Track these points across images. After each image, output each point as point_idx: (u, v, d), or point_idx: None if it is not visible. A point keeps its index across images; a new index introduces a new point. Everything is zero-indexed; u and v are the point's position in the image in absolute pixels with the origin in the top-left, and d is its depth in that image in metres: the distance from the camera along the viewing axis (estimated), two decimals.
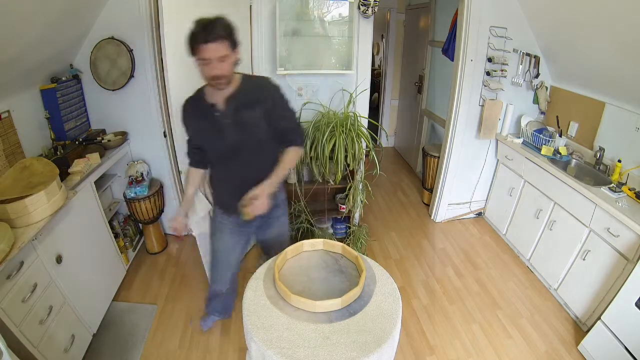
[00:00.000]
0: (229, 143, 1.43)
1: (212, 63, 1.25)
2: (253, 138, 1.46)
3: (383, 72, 5.00)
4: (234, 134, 1.41)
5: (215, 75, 1.28)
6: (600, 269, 2.04)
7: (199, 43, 1.23)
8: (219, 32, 1.23)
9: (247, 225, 1.65)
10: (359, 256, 1.36)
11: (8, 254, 1.37)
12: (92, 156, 2.21)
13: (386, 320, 1.17)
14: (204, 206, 2.05)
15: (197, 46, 1.23)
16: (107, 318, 2.18)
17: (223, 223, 1.67)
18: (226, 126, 1.40)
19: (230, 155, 1.47)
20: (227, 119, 1.40)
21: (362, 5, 2.36)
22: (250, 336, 1.14)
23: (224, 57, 1.27)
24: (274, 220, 1.72)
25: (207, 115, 1.42)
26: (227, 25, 1.27)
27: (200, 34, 1.22)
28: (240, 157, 1.48)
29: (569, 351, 2.07)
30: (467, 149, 3.08)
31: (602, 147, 2.36)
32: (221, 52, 1.25)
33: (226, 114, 1.40)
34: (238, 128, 1.41)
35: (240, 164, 1.49)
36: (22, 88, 2.02)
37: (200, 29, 1.22)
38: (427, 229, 3.28)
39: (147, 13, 2.25)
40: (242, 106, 1.40)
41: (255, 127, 1.44)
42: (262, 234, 1.76)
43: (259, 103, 1.42)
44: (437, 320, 2.28)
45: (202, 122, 1.45)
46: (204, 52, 1.23)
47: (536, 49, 2.73)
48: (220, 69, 1.27)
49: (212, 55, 1.24)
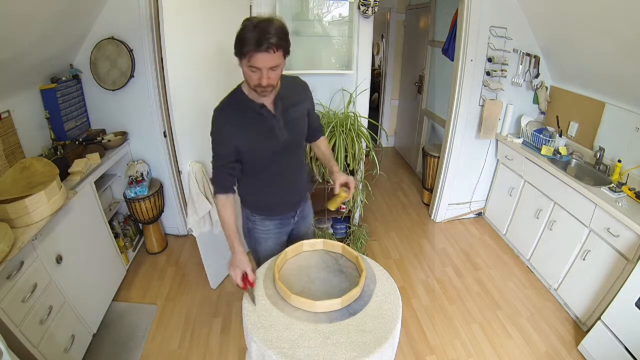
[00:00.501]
0: (281, 143, 1.38)
1: (263, 71, 1.16)
2: (300, 136, 1.48)
3: (383, 72, 5.00)
4: (285, 134, 1.37)
5: (262, 84, 1.19)
6: (600, 269, 2.04)
7: (252, 49, 1.11)
8: (276, 42, 1.11)
9: (287, 223, 1.63)
10: (359, 256, 1.36)
11: (8, 254, 1.37)
12: (92, 156, 2.21)
13: (386, 320, 1.17)
14: (204, 206, 2.05)
15: (249, 52, 1.12)
16: (107, 318, 2.18)
17: (266, 230, 1.59)
18: (277, 127, 1.35)
19: (280, 156, 1.43)
20: (277, 119, 1.34)
21: (362, 5, 2.36)
22: (250, 336, 1.14)
23: (276, 67, 1.17)
24: (307, 213, 1.74)
25: (257, 118, 1.33)
26: (285, 32, 1.16)
27: (255, 39, 1.10)
28: (288, 156, 1.46)
29: (569, 351, 2.07)
30: (467, 149, 3.08)
31: (602, 147, 2.36)
32: (274, 62, 1.15)
33: (277, 114, 1.34)
34: (289, 127, 1.38)
35: (287, 163, 1.48)
36: (22, 88, 2.02)
37: (256, 34, 1.10)
38: (427, 229, 3.28)
39: (147, 13, 2.25)
40: (290, 106, 1.38)
41: (302, 126, 1.47)
42: (297, 229, 1.72)
43: (302, 102, 1.44)
44: (437, 320, 2.28)
45: (252, 126, 1.34)
46: (257, 60, 1.13)
47: (536, 49, 2.73)
48: (269, 78, 1.18)
49: (265, 65, 1.14)
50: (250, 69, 1.17)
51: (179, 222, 2.99)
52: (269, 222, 1.58)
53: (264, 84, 1.18)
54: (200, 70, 1.98)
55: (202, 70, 2.00)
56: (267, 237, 1.60)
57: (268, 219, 1.57)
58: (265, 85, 1.19)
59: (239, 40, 1.15)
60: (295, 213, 1.63)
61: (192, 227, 2.10)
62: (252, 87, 1.23)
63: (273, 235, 1.61)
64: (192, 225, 2.08)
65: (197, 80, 1.97)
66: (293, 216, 1.63)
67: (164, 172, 2.77)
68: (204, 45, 1.99)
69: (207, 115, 2.09)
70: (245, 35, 1.12)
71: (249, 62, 1.15)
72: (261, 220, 1.58)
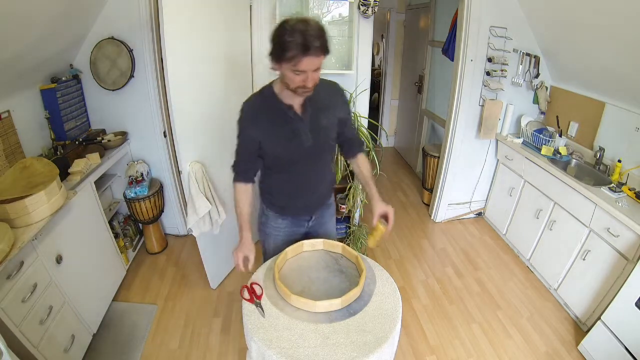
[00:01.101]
0: (304, 147, 1.36)
1: (307, 74, 1.16)
2: (326, 143, 1.45)
3: (383, 72, 5.00)
4: (310, 138, 1.36)
5: (307, 86, 1.19)
6: (600, 269, 2.04)
7: (297, 54, 1.10)
8: (321, 44, 1.12)
9: (300, 224, 1.62)
10: (359, 256, 1.36)
11: (8, 254, 1.37)
12: (92, 156, 2.21)
13: (386, 320, 1.17)
14: (204, 206, 2.05)
15: (293, 57, 1.11)
16: (107, 318, 2.18)
17: (277, 227, 1.60)
18: (302, 130, 1.33)
19: (302, 160, 1.42)
20: (304, 123, 1.33)
21: (362, 5, 2.36)
22: (250, 336, 1.14)
23: (318, 68, 1.19)
24: (328, 220, 1.71)
25: (283, 118, 1.32)
26: (324, 32, 1.15)
27: (300, 44, 1.09)
28: (311, 162, 1.45)
29: (569, 351, 2.07)
30: (467, 149, 3.08)
31: (602, 147, 2.36)
32: (319, 64, 1.16)
33: (303, 117, 1.33)
34: (315, 133, 1.36)
35: (309, 167, 1.46)
36: (22, 88, 2.02)
37: (299, 38, 1.08)
38: (427, 229, 3.28)
39: (147, 13, 2.25)
40: (319, 110, 1.35)
41: (330, 132, 1.43)
42: (314, 233, 1.70)
43: (334, 108, 1.41)
44: (437, 320, 2.28)
45: (277, 126, 1.34)
46: (304, 64, 1.12)
47: (536, 49, 2.73)
48: (312, 79, 1.18)
49: (311, 67, 1.14)
50: (294, 72, 1.16)
51: (179, 222, 2.99)
52: (282, 220, 1.58)
53: (310, 85, 1.19)
54: (200, 70, 1.98)
55: (202, 70, 2.00)
56: (277, 235, 1.61)
57: (281, 217, 1.58)
58: (310, 87, 1.20)
59: (280, 45, 1.12)
60: (311, 217, 1.61)
61: (192, 227, 2.10)
62: (293, 88, 1.21)
63: (283, 234, 1.61)
64: (192, 225, 2.08)
65: (197, 80, 1.97)
66: (308, 220, 1.61)
67: (164, 172, 2.77)
68: (204, 45, 1.99)
69: (207, 115, 2.11)
70: (286, 39, 1.10)
71: (294, 67, 1.13)
72: (274, 217, 1.58)
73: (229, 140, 2.37)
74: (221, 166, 2.30)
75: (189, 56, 1.87)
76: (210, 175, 2.16)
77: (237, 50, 2.31)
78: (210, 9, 1.99)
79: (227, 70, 2.22)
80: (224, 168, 2.32)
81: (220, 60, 2.14)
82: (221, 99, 2.20)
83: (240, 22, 2.29)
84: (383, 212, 1.44)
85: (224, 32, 2.14)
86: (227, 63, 2.21)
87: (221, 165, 2.30)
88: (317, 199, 1.59)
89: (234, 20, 2.23)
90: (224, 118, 2.26)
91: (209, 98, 2.10)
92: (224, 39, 2.15)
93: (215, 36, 2.05)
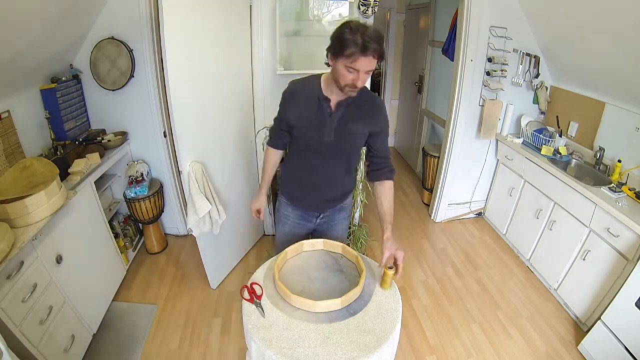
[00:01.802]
0: (324, 142, 1.41)
1: (360, 73, 1.22)
2: (348, 147, 1.48)
3: (383, 72, 5.00)
4: (332, 137, 1.40)
5: (356, 85, 1.25)
6: (600, 269, 2.04)
7: (356, 52, 1.17)
8: (378, 47, 1.19)
9: (309, 220, 1.66)
10: (359, 256, 1.36)
11: (8, 254, 1.37)
12: (92, 156, 2.21)
13: (386, 320, 1.17)
14: (204, 206, 2.05)
15: (352, 54, 1.18)
16: (107, 318, 2.18)
17: (287, 215, 1.66)
18: (328, 124, 1.38)
19: (319, 154, 1.46)
20: (331, 119, 1.38)
21: (362, 5, 2.35)
22: (250, 336, 1.14)
23: (370, 71, 1.25)
24: (338, 223, 1.71)
25: (316, 107, 1.38)
26: (382, 38, 1.22)
27: (360, 44, 1.16)
28: (327, 160, 1.48)
29: (569, 351, 2.07)
30: (467, 149, 3.08)
31: (602, 147, 2.36)
32: (373, 66, 1.23)
33: (333, 115, 1.37)
34: (338, 133, 1.40)
35: (324, 165, 1.50)
36: (22, 88, 2.02)
37: (360, 38, 1.16)
38: (427, 229, 3.28)
39: (147, 13, 2.25)
40: (352, 114, 1.39)
41: (355, 140, 1.45)
42: (322, 233, 1.72)
43: (368, 120, 1.43)
44: (437, 320, 2.28)
45: (308, 111, 1.40)
46: (360, 63, 1.19)
47: (536, 49, 2.73)
48: (363, 80, 1.25)
49: (365, 68, 1.21)
50: (348, 69, 1.22)
51: (179, 222, 2.99)
52: (291, 209, 1.65)
53: (359, 85, 1.25)
54: (200, 70, 1.98)
55: (203, 70, 2.00)
56: (285, 222, 1.68)
57: (291, 206, 1.65)
58: (359, 87, 1.26)
59: (341, 41, 1.20)
60: (319, 215, 1.65)
61: (192, 227, 2.10)
62: (342, 85, 1.27)
63: (291, 223, 1.67)
64: (192, 225, 2.08)
65: (197, 80, 1.97)
66: (316, 217, 1.66)
67: (164, 172, 2.77)
68: (204, 45, 1.99)
69: (208, 115, 2.11)
70: (348, 37, 1.17)
71: (350, 64, 1.20)
72: (285, 205, 1.67)
73: (229, 140, 2.39)
74: (221, 166, 2.30)
75: (189, 56, 1.87)
76: (210, 175, 2.16)
77: (237, 50, 2.31)
78: (211, 9, 1.99)
79: (227, 70, 2.22)
80: (224, 168, 2.33)
81: (220, 60, 2.14)
82: (221, 99, 2.20)
83: (240, 22, 2.29)
84: (393, 253, 1.33)
85: (224, 32, 2.14)
86: (227, 63, 2.21)
87: (221, 165, 2.30)
88: (325, 200, 1.61)
89: (234, 21, 2.23)
90: (224, 118, 2.27)
91: (210, 97, 2.10)
92: (224, 39, 2.15)
93: (215, 36, 2.05)
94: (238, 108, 2.39)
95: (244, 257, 2.80)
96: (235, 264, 2.71)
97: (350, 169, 1.58)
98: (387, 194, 1.49)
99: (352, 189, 1.67)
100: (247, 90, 2.46)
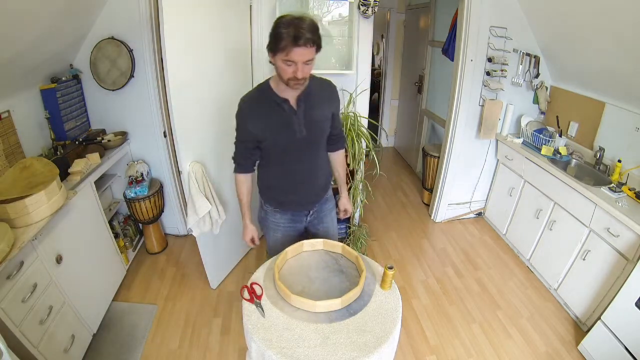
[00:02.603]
0: (298, 140, 1.43)
1: (298, 65, 1.24)
2: (320, 137, 1.52)
3: (383, 72, 5.00)
4: (304, 132, 1.42)
5: (297, 77, 1.27)
6: (600, 269, 2.04)
7: (288, 44, 1.19)
8: (311, 37, 1.20)
9: (299, 220, 1.67)
10: (359, 256, 1.36)
11: (8, 254, 1.37)
12: (92, 156, 2.21)
13: (386, 320, 1.17)
14: (204, 206, 2.05)
15: (285, 47, 1.19)
16: (107, 318, 2.18)
17: (276, 222, 1.65)
18: (297, 123, 1.41)
19: (296, 152, 1.48)
20: (298, 116, 1.40)
21: (362, 5, 2.36)
22: (250, 336, 1.14)
23: (310, 61, 1.26)
24: (326, 214, 1.74)
25: (278, 110, 1.40)
26: (317, 28, 1.24)
27: (292, 35, 1.17)
28: (305, 155, 1.51)
29: (569, 351, 2.07)
30: (467, 149, 3.08)
31: (602, 147, 2.36)
32: (309, 56, 1.24)
33: (298, 111, 1.40)
34: (308, 126, 1.43)
35: (303, 161, 1.53)
36: (22, 88, 2.02)
37: (292, 30, 1.17)
38: (427, 229, 3.28)
39: (147, 13, 2.25)
40: (313, 105, 1.43)
41: (323, 127, 1.51)
42: (314, 228, 1.75)
43: (327, 103, 1.49)
44: (437, 320, 2.28)
45: (272, 117, 1.41)
46: (293, 54, 1.20)
47: (536, 49, 2.73)
48: (303, 71, 1.26)
49: (301, 58, 1.22)
50: (285, 62, 1.24)
51: (179, 222, 2.99)
52: (280, 215, 1.64)
53: (299, 76, 1.26)
54: (200, 70, 1.98)
55: (203, 70, 2.00)
56: (276, 229, 1.67)
57: (280, 212, 1.64)
58: (300, 78, 1.27)
59: (274, 36, 1.22)
60: (309, 212, 1.67)
61: (192, 227, 2.10)
62: (286, 79, 1.29)
63: (282, 229, 1.67)
64: (192, 225, 2.08)
65: (197, 80, 1.97)
66: (306, 214, 1.67)
67: (164, 172, 2.77)
68: (205, 45, 1.99)
69: (208, 115, 2.11)
70: (281, 31, 1.19)
71: (286, 57, 1.22)
72: (272, 213, 1.65)
73: (229, 140, 2.38)
74: (221, 166, 2.30)
75: (189, 56, 1.87)
76: (210, 175, 2.16)
77: (237, 50, 2.31)
78: (211, 9, 1.99)
79: (227, 70, 2.22)
80: (224, 168, 2.33)
81: (220, 60, 2.14)
82: (221, 99, 2.20)
83: (240, 22, 2.29)
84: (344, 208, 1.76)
85: (224, 32, 2.14)
86: (227, 63, 2.21)
87: (221, 165, 2.30)
88: (314, 192, 1.63)
89: (234, 20, 2.23)
90: (224, 118, 2.26)
91: (209, 98, 2.10)
92: (224, 38, 2.15)
93: (215, 36, 2.05)
94: None
95: (244, 257, 2.80)
96: (235, 264, 2.71)
97: (324, 156, 1.63)
98: (343, 161, 1.74)
99: (330, 174, 1.72)
100: (247, 89, 2.44)
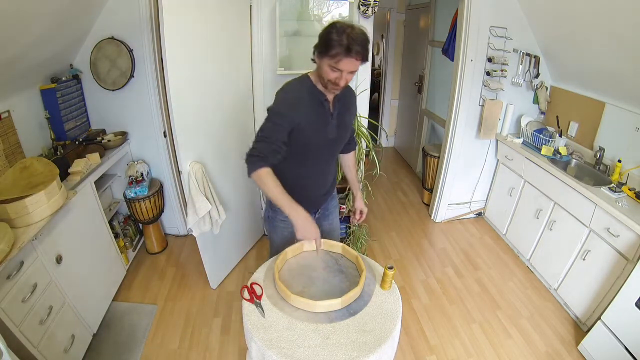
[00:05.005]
0: (329, 140, 1.47)
1: (343, 73, 1.26)
2: (344, 140, 1.58)
3: (383, 72, 5.00)
4: (335, 133, 1.47)
5: (340, 85, 1.30)
6: (600, 269, 2.04)
7: (340, 53, 1.21)
8: (363, 51, 1.23)
9: None
10: (359, 256, 1.36)
11: (8, 254, 1.36)
12: (92, 156, 2.21)
13: (386, 320, 1.17)
14: (204, 206, 2.05)
15: (336, 54, 1.21)
16: (107, 318, 2.18)
17: (285, 221, 1.60)
18: (331, 125, 1.45)
19: (323, 152, 1.52)
20: (333, 117, 1.44)
21: (362, 5, 2.36)
22: (250, 336, 1.14)
23: (354, 72, 1.30)
24: (332, 211, 1.77)
25: (320, 108, 1.41)
26: (368, 41, 1.27)
27: (344, 45, 1.20)
28: (329, 156, 1.56)
29: (569, 351, 2.07)
30: (467, 149, 3.08)
31: (602, 147, 2.36)
32: (356, 68, 1.27)
33: (334, 112, 1.44)
34: (339, 127, 1.47)
35: (326, 162, 1.57)
36: (22, 88, 2.02)
37: (345, 39, 1.19)
38: (427, 229, 3.28)
39: (147, 13, 2.25)
40: (344, 108, 1.48)
41: (349, 130, 1.58)
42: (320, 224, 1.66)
43: (352, 108, 1.56)
44: (437, 320, 2.28)
45: (316, 114, 1.41)
46: (342, 64, 1.23)
47: (536, 49, 2.73)
48: (346, 80, 1.29)
49: (350, 69, 1.25)
50: (331, 68, 1.26)
51: (179, 222, 2.99)
52: None
53: (341, 84, 1.30)
54: (200, 70, 1.98)
55: (202, 70, 2.00)
56: (284, 227, 1.65)
57: None
58: (341, 86, 1.31)
59: (326, 41, 1.23)
60: (317, 210, 1.68)
61: (192, 227, 2.10)
62: (326, 81, 1.31)
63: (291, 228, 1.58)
64: (192, 225, 2.08)
65: (197, 80, 1.97)
66: (315, 212, 1.68)
67: (164, 172, 2.77)
68: (204, 45, 1.99)
69: (207, 115, 2.11)
70: (333, 37, 1.21)
71: (335, 64, 1.24)
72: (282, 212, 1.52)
73: (229, 140, 2.39)
74: (221, 166, 2.30)
75: (188, 56, 1.88)
76: (210, 175, 2.16)
77: (237, 50, 2.31)
78: (211, 9, 1.99)
79: (227, 70, 2.22)
80: (224, 168, 2.33)
81: (220, 60, 2.14)
82: (221, 99, 2.20)
83: (240, 22, 2.29)
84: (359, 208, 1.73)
85: (223, 32, 2.14)
86: (227, 63, 2.21)
87: (221, 165, 2.30)
88: (325, 191, 1.65)
89: (233, 20, 2.23)
90: (224, 118, 2.27)
91: (209, 98, 2.10)
92: (223, 38, 2.15)
93: (215, 36, 2.05)
94: (238, 108, 2.39)
95: (244, 257, 2.80)
96: (235, 264, 2.71)
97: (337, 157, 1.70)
98: (354, 162, 1.77)
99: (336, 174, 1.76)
100: (247, 90, 2.46)
